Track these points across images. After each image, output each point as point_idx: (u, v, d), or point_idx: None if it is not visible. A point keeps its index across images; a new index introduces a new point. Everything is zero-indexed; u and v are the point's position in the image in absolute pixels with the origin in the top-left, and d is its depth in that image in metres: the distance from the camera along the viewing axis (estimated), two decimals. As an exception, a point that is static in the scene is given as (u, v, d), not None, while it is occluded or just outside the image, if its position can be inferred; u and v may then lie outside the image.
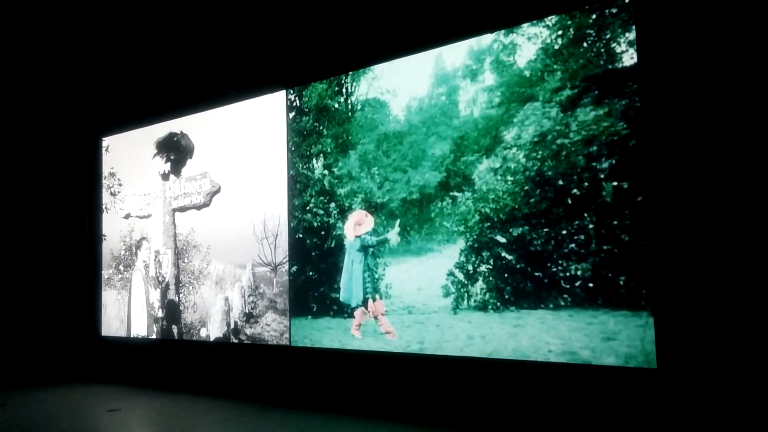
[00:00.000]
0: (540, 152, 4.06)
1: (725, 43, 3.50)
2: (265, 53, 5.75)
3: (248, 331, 5.69)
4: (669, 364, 3.52)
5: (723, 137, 3.48)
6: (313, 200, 5.31)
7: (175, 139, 6.56)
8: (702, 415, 3.45)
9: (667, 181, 3.61)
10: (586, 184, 3.86)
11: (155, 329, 6.55)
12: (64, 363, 7.12)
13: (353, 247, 4.92)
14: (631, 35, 3.76)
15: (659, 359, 3.53)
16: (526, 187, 4.11)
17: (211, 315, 6.04)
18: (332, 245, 5.18)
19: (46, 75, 6.96)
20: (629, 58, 3.76)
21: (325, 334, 5.08)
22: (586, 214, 3.84)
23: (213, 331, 6.00)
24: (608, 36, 3.86)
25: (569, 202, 3.92)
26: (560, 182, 3.96)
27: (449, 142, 4.50)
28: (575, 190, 3.90)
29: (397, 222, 4.63)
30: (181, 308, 6.33)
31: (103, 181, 7.36)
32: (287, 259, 5.42)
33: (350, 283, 4.91)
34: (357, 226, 4.86)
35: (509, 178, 4.19)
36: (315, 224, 5.30)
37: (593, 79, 3.89)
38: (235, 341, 5.79)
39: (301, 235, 5.38)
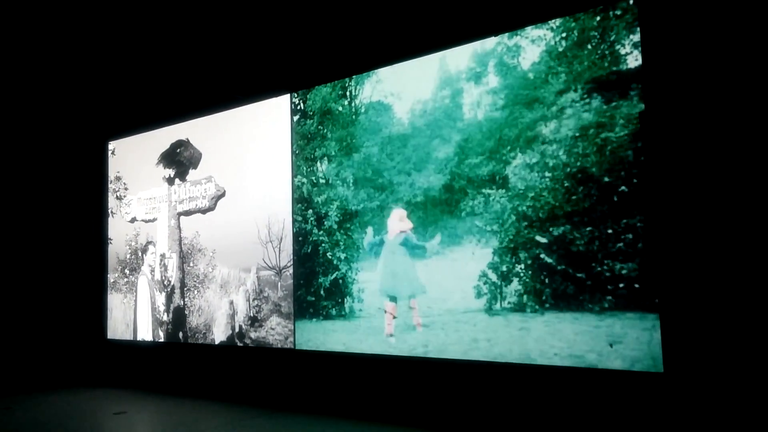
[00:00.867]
0: (581, 147, 3.93)
1: (730, 44, 3.48)
2: (270, 57, 5.76)
3: (253, 334, 5.69)
4: (676, 368, 3.49)
5: (730, 140, 3.45)
6: (291, 207, 5.43)
7: (178, 150, 6.58)
8: (708, 420, 3.41)
9: (673, 184, 3.58)
10: (635, 180, 3.71)
11: (161, 333, 6.56)
12: (71, 366, 7.14)
13: (395, 242, 4.77)
14: (636, 37, 3.74)
15: (666, 363, 3.49)
16: (567, 184, 3.96)
17: (216, 319, 6.04)
18: (309, 250, 5.28)
19: (54, 80, 7.01)
20: (633, 59, 3.74)
21: (329, 337, 5.07)
22: (635, 212, 3.67)
23: (218, 334, 6.01)
24: (612, 38, 3.84)
25: (615, 199, 3.77)
26: (606, 179, 3.82)
27: (453, 144, 4.49)
28: (623, 187, 3.75)
29: (438, 234, 4.51)
30: (187, 312, 6.34)
31: (110, 185, 7.40)
32: (291, 262, 5.42)
33: (393, 276, 4.76)
34: (400, 221, 4.77)
35: (547, 174, 4.04)
36: (294, 230, 5.41)
37: (599, 80, 3.87)
38: (240, 345, 5.79)
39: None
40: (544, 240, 4.00)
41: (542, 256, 4.01)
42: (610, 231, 3.77)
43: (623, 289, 3.69)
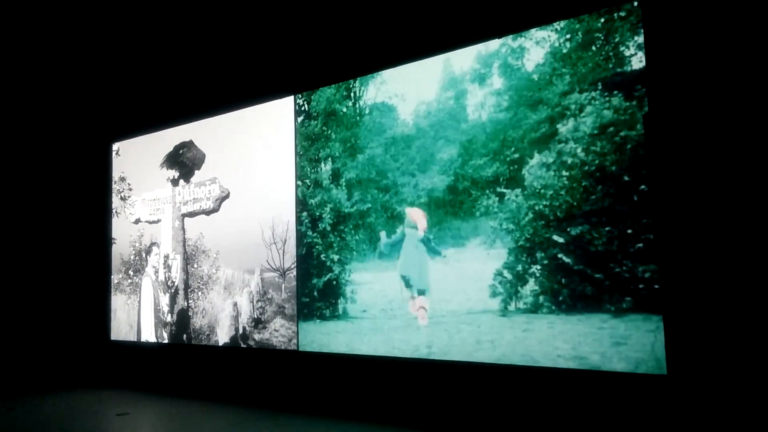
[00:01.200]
0: (600, 145, 3.88)
1: (734, 45, 3.47)
2: (274, 59, 5.78)
3: (256, 336, 5.69)
4: (679, 370, 3.47)
5: (735, 141, 3.44)
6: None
7: (181, 152, 6.60)
8: (712, 423, 3.39)
9: (678, 185, 3.57)
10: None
11: (164, 334, 6.57)
12: (74, 367, 7.15)
13: (415, 237, 4.71)
14: (640, 38, 3.74)
15: (669, 365, 3.48)
16: (584, 183, 3.90)
17: (220, 320, 6.05)
18: (303, 252, 5.33)
19: (58, 81, 7.04)
20: (638, 61, 3.74)
21: (333, 339, 5.07)
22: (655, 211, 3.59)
23: (222, 336, 6.01)
24: (617, 39, 3.85)
25: (635, 198, 3.71)
26: (626, 177, 3.76)
27: (457, 145, 4.49)
28: (643, 186, 3.68)
29: (453, 248, 4.47)
30: (190, 313, 6.35)
31: (114, 186, 7.42)
32: (295, 264, 5.43)
33: (418, 272, 4.70)
34: (423, 218, 4.72)
35: (564, 173, 3.99)
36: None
37: (603, 81, 3.86)
38: (244, 346, 5.79)
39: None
40: (561, 240, 3.98)
41: (560, 255, 3.97)
42: (629, 231, 3.72)
43: (643, 290, 3.63)
